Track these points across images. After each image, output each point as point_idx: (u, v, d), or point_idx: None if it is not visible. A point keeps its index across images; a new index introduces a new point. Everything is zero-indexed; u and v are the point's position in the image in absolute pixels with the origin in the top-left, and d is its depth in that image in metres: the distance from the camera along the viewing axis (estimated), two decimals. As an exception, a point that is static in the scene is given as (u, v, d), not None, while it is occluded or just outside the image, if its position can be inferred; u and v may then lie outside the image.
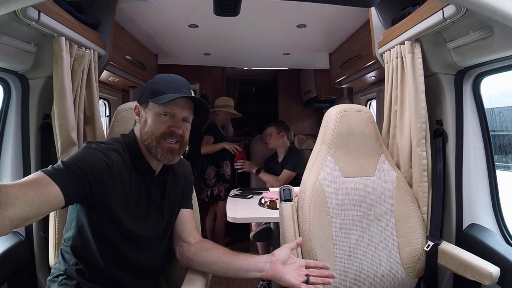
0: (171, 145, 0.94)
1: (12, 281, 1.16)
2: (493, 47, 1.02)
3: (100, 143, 0.91)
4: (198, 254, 0.99)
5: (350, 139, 1.28)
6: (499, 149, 1.67)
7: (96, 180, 0.83)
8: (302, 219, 1.21)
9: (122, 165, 0.90)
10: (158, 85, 0.95)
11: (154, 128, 0.93)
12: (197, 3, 1.56)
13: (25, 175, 1.24)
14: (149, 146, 0.93)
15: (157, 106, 0.92)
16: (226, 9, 0.72)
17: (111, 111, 2.24)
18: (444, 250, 1.19)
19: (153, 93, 0.94)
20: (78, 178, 0.79)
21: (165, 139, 0.93)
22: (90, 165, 0.82)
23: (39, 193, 0.71)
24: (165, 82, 0.96)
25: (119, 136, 1.01)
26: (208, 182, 2.88)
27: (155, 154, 0.93)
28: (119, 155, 0.91)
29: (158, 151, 0.93)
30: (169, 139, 0.93)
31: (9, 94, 1.24)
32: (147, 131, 0.94)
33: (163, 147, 0.93)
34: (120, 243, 0.92)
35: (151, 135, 0.93)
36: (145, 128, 0.94)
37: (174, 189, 1.05)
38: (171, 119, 0.94)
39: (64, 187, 0.75)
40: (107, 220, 0.88)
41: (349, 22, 1.80)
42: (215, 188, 2.83)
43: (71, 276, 0.92)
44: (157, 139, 0.93)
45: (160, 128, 0.93)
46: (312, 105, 3.55)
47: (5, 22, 0.98)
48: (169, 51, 2.43)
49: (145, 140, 0.94)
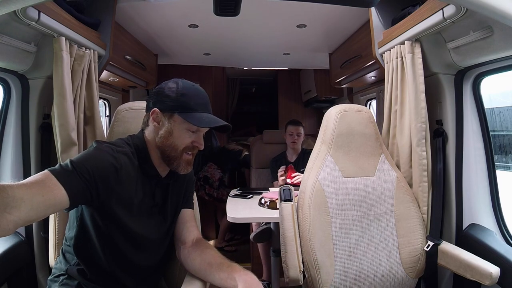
0: (190, 157, 0.97)
1: (12, 281, 1.16)
2: (493, 47, 1.02)
3: (111, 144, 0.91)
4: (188, 260, 1.00)
5: (350, 139, 1.28)
6: (499, 149, 1.67)
7: (103, 183, 0.83)
8: (302, 219, 1.21)
9: (130, 168, 0.90)
10: (188, 98, 0.94)
11: (180, 142, 0.94)
12: (197, 3, 1.56)
13: (25, 175, 1.24)
14: (171, 158, 0.95)
15: (187, 123, 0.93)
16: (226, 9, 0.72)
17: (111, 111, 2.24)
18: (444, 250, 1.19)
19: (183, 107, 0.93)
20: (85, 181, 0.79)
21: (186, 152, 0.96)
22: (99, 168, 0.82)
23: (45, 197, 0.71)
24: (194, 97, 0.95)
25: (126, 137, 1.00)
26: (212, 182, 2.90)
27: (176, 165, 0.96)
28: (128, 158, 0.91)
29: (180, 163, 0.96)
30: (189, 151, 0.96)
31: (9, 94, 1.24)
32: (171, 143, 0.94)
33: (184, 159, 0.96)
34: (122, 243, 0.92)
35: (175, 148, 0.94)
36: (169, 140, 0.94)
37: (176, 191, 1.05)
38: (195, 135, 0.96)
39: (70, 190, 0.75)
40: (110, 221, 0.88)
41: (349, 22, 1.80)
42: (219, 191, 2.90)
43: (72, 276, 0.93)
44: (180, 153, 0.95)
45: (185, 142, 0.95)
46: (312, 105, 3.55)
47: (5, 22, 0.98)
48: (169, 51, 2.42)
49: (167, 150, 0.95)
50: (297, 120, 2.59)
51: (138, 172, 0.93)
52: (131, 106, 1.23)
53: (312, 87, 3.18)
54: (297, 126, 2.52)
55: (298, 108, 3.82)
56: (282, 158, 2.58)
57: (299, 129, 2.52)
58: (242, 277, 0.87)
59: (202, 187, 2.92)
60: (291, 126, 2.53)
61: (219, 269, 0.92)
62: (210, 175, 2.95)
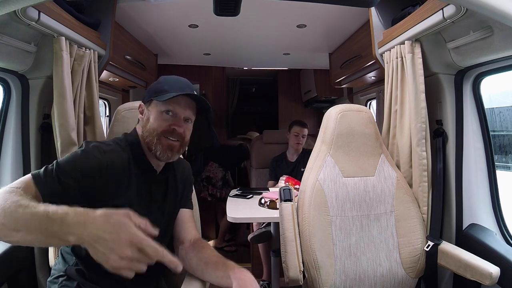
0: (171, 142, 0.95)
1: (12, 282, 1.16)
2: (493, 47, 1.02)
3: (99, 143, 0.91)
4: (186, 260, 1.00)
5: (350, 139, 1.28)
6: (499, 149, 1.67)
7: (89, 186, 0.83)
8: (302, 219, 1.21)
9: (119, 166, 0.90)
10: (162, 84, 0.97)
11: (156, 125, 0.94)
12: (197, 3, 1.56)
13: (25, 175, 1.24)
14: (150, 143, 0.94)
15: (160, 104, 0.94)
16: (226, 9, 0.72)
17: (111, 111, 2.25)
18: (444, 250, 1.19)
19: (157, 92, 0.96)
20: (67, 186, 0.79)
21: (166, 137, 0.94)
22: (83, 171, 0.83)
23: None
24: (169, 82, 0.98)
25: (121, 135, 1.01)
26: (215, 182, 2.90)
27: (155, 151, 0.94)
28: (117, 155, 0.91)
29: (158, 148, 0.94)
30: (170, 137, 0.95)
31: (9, 94, 1.24)
32: (148, 128, 0.95)
33: (163, 144, 0.94)
34: None
35: (152, 132, 0.94)
36: (147, 126, 0.96)
37: (175, 188, 1.05)
38: (173, 118, 0.95)
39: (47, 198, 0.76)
40: None
41: (349, 22, 1.80)
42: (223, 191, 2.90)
43: (71, 277, 0.92)
44: (157, 136, 0.94)
45: (162, 125, 0.94)
46: (312, 105, 3.55)
47: (5, 22, 0.98)
48: (169, 51, 2.43)
49: (146, 137, 0.95)
50: (303, 121, 2.58)
51: (132, 168, 0.93)
52: (131, 106, 1.23)
53: (312, 87, 3.18)
54: (303, 127, 2.52)
55: (298, 108, 3.82)
56: (283, 158, 2.58)
57: (304, 130, 2.51)
58: (236, 275, 0.87)
59: (205, 188, 2.91)
60: (297, 127, 2.51)
61: (215, 268, 0.93)
62: (213, 175, 2.94)
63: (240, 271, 0.88)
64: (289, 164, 2.53)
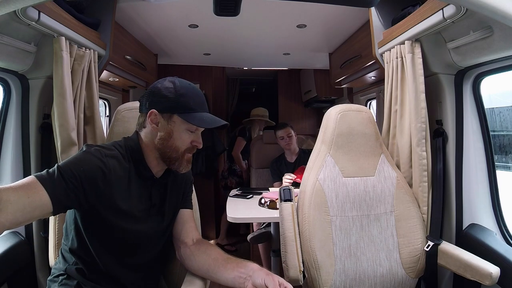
0: (190, 156, 0.98)
1: (12, 281, 1.16)
2: (493, 47, 1.02)
3: (100, 148, 0.90)
4: (191, 259, 1.00)
5: (350, 139, 1.29)
6: (499, 149, 1.67)
7: (91, 187, 0.83)
8: (302, 219, 1.21)
9: (120, 172, 0.90)
10: (187, 98, 0.92)
11: (181, 143, 0.94)
12: (197, 3, 1.56)
13: (25, 175, 1.24)
14: (172, 159, 0.95)
15: (187, 123, 0.92)
16: (226, 9, 0.72)
17: (111, 111, 2.25)
18: (444, 250, 1.19)
19: (183, 108, 0.92)
20: (72, 186, 0.79)
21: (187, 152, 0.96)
22: (86, 172, 0.82)
23: (31, 199, 0.73)
24: (193, 97, 0.94)
25: (121, 138, 1.00)
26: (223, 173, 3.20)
27: (178, 166, 0.96)
28: (118, 161, 0.91)
29: (182, 163, 0.96)
30: (190, 152, 0.97)
31: (9, 94, 1.24)
32: (171, 145, 0.93)
33: (184, 159, 0.96)
34: (118, 246, 0.92)
35: (177, 149, 0.94)
36: (169, 141, 0.93)
37: (175, 191, 1.05)
38: (194, 134, 0.96)
39: (53, 195, 0.76)
40: (102, 224, 0.88)
41: (349, 22, 1.80)
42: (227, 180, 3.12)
43: (71, 276, 0.93)
44: (182, 153, 0.95)
45: (185, 143, 0.95)
46: (312, 105, 3.55)
47: (5, 22, 0.98)
48: (169, 51, 2.43)
49: (169, 152, 0.94)
50: (282, 123, 2.59)
51: (131, 174, 0.93)
52: (131, 106, 1.23)
53: (312, 87, 3.18)
54: (284, 128, 2.51)
55: (298, 108, 3.82)
56: (282, 160, 2.59)
57: (287, 130, 2.50)
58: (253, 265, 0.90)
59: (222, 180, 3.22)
60: (279, 130, 2.53)
61: (226, 262, 0.94)
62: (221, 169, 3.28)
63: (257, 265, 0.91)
64: (289, 165, 2.54)
